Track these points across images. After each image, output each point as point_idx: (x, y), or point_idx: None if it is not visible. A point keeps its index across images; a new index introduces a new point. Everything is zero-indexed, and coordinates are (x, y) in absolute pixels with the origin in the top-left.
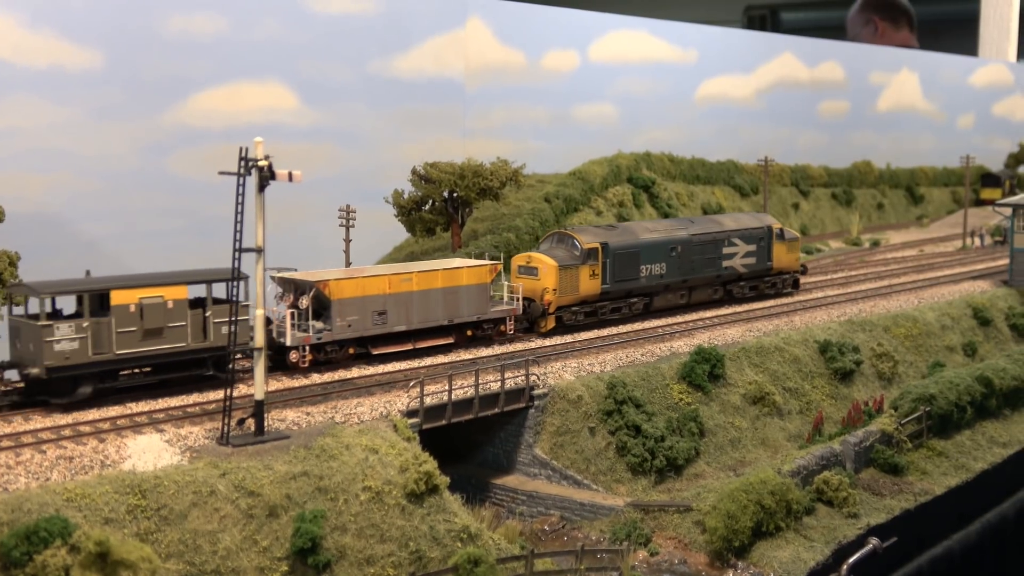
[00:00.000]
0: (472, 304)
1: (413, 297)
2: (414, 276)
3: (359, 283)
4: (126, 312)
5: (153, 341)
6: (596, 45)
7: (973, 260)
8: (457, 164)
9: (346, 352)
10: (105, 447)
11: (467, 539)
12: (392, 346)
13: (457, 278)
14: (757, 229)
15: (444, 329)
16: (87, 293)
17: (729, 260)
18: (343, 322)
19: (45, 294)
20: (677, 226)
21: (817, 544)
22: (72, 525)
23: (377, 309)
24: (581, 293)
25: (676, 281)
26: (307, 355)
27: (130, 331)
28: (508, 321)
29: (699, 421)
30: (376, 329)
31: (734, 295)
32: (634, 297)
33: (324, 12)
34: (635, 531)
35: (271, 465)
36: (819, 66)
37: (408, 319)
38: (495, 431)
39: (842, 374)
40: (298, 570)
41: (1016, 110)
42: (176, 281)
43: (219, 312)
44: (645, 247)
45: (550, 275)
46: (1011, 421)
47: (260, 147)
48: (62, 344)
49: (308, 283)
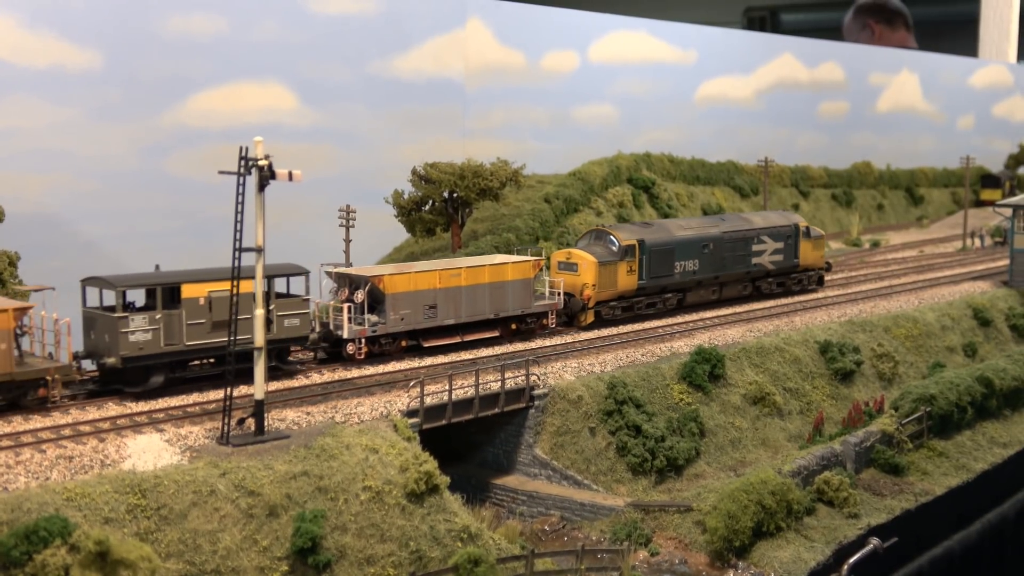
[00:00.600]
0: (517, 299)
1: (462, 292)
2: (463, 271)
3: (411, 278)
4: (196, 305)
5: (221, 333)
6: (596, 46)
7: (973, 261)
8: (457, 164)
9: (399, 345)
10: (105, 447)
11: (467, 539)
12: (442, 339)
13: (503, 273)
14: (785, 227)
15: (490, 323)
16: (160, 286)
17: (758, 257)
18: (396, 315)
19: (121, 287)
20: (709, 224)
21: (818, 544)
22: (72, 524)
23: (428, 303)
24: (619, 288)
25: (708, 277)
26: (363, 347)
27: (199, 323)
28: (550, 315)
29: (699, 421)
30: (427, 322)
31: (762, 291)
32: (668, 293)
33: (323, 12)
34: (635, 531)
35: (271, 465)
36: (819, 67)
37: (457, 313)
38: (495, 431)
39: (842, 374)
40: (298, 570)
41: (1016, 111)
42: (243, 275)
43: (282, 306)
44: (679, 244)
45: (590, 271)
46: (1011, 421)
47: (260, 146)
48: (136, 335)
49: (363, 278)
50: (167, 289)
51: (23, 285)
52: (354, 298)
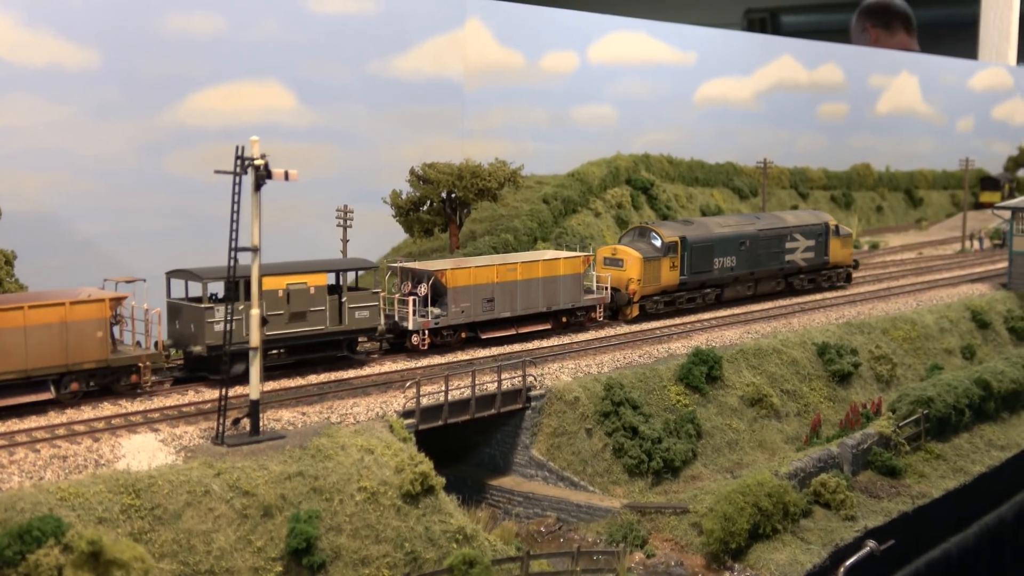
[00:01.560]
0: (568, 293)
1: (517, 286)
2: (518, 266)
3: (471, 272)
4: (275, 296)
5: (297, 324)
6: (595, 46)
7: (972, 263)
8: (455, 165)
9: (459, 336)
10: (99, 446)
11: (463, 540)
12: (498, 331)
13: (555, 268)
14: (816, 225)
15: (542, 316)
16: (242, 279)
17: (791, 254)
18: (457, 308)
19: (207, 279)
20: (745, 222)
21: (814, 546)
22: (65, 524)
23: (486, 296)
24: (662, 283)
25: (744, 273)
26: (426, 338)
27: (278, 314)
28: (598, 309)
29: (696, 423)
30: (485, 315)
31: (795, 287)
32: (708, 288)
33: (322, 12)
34: (631, 533)
35: (266, 465)
36: (818, 68)
37: (512, 306)
38: (492, 432)
39: (840, 376)
40: (293, 570)
41: (1016, 113)
42: (317, 269)
43: (353, 298)
44: (718, 241)
45: (635, 266)
46: (1009, 424)
47: (256, 146)
48: (220, 325)
49: (427, 272)
50: (249, 281)
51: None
52: (417, 291)
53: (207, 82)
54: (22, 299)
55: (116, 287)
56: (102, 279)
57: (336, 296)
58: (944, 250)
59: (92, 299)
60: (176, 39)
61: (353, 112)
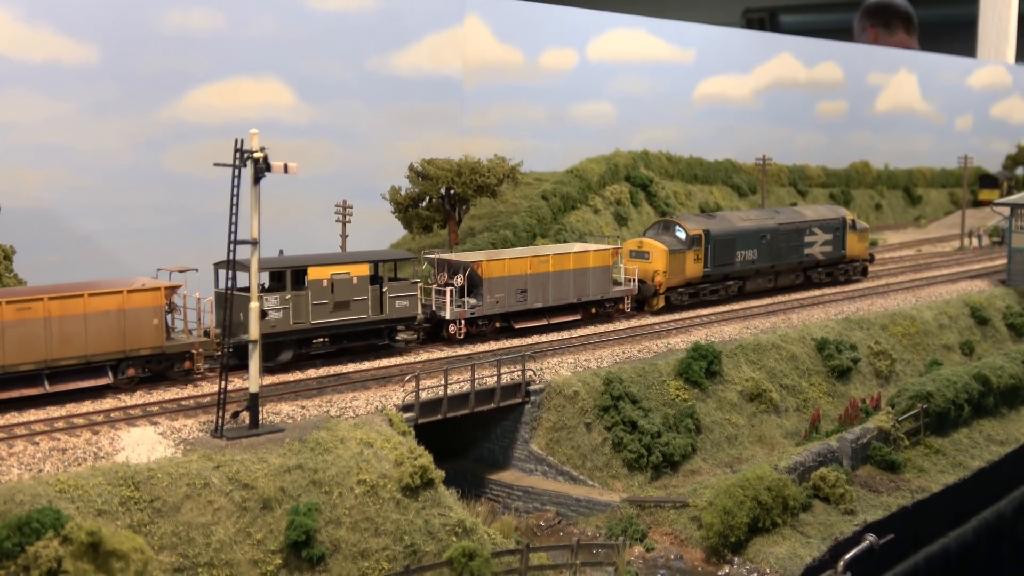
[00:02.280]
0: (597, 284)
1: (549, 277)
2: (551, 258)
3: (506, 264)
4: (320, 286)
5: (341, 313)
6: (594, 44)
7: (971, 260)
8: (454, 161)
9: (493, 326)
10: (99, 439)
11: (462, 533)
12: (531, 321)
13: (585, 261)
14: (833, 220)
15: (572, 307)
16: (289, 269)
17: (810, 248)
18: (492, 298)
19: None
20: (766, 216)
21: (813, 540)
22: (64, 516)
23: (520, 288)
24: (687, 275)
25: (765, 266)
26: (462, 328)
27: (323, 303)
28: (626, 300)
29: (696, 418)
30: (519, 305)
31: (812, 280)
32: (730, 280)
33: (322, 8)
34: (631, 527)
35: (265, 458)
36: (817, 66)
37: (545, 297)
38: (491, 426)
39: (839, 372)
40: (292, 563)
41: (1014, 111)
42: (360, 260)
43: (394, 288)
44: (740, 235)
45: (661, 259)
46: (1008, 419)
47: (255, 139)
48: (269, 314)
49: (463, 263)
50: (295, 272)
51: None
52: (454, 282)
53: (206, 78)
54: (82, 287)
55: (170, 276)
56: (155, 268)
57: (377, 286)
58: (943, 247)
59: (149, 287)
60: (175, 35)
61: (352, 108)
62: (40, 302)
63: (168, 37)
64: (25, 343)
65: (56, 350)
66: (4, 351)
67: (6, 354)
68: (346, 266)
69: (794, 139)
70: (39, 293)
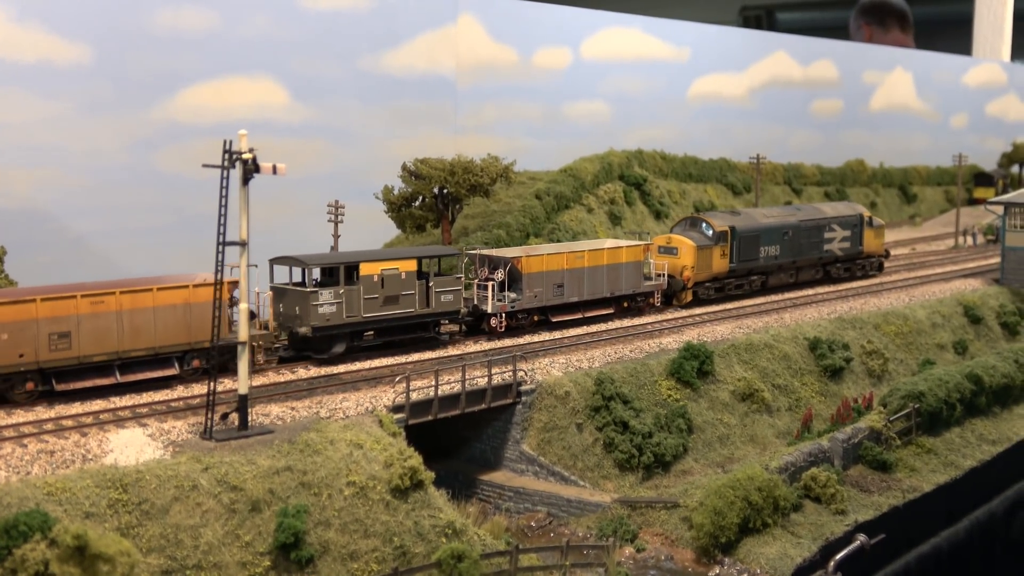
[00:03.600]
0: (629, 279)
1: (584, 272)
2: (586, 254)
3: (544, 259)
4: (371, 281)
5: (391, 307)
6: (588, 42)
7: (965, 259)
8: (447, 160)
9: (531, 319)
10: (87, 441)
11: (452, 535)
12: (567, 315)
13: (618, 256)
14: (851, 216)
15: (605, 301)
16: (342, 265)
17: (829, 244)
18: (531, 293)
19: (312, 265)
20: (787, 213)
21: (804, 540)
22: (52, 519)
23: (557, 282)
24: (713, 270)
25: (787, 262)
26: (503, 321)
27: (374, 298)
28: (656, 294)
29: (687, 418)
30: (555, 300)
31: (831, 275)
32: (754, 275)
33: (314, 8)
34: (622, 527)
35: (254, 460)
36: (812, 65)
37: (580, 291)
38: (482, 427)
39: (832, 371)
40: (280, 565)
41: (1009, 110)
42: (407, 256)
43: (439, 283)
44: (764, 231)
45: (689, 254)
46: (1001, 419)
47: (244, 140)
48: (324, 308)
49: (503, 259)
50: (348, 267)
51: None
52: (494, 277)
53: (199, 78)
54: (150, 282)
55: (231, 272)
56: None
57: (424, 281)
58: (937, 246)
59: (211, 283)
60: (167, 35)
61: (345, 108)
62: (113, 296)
63: (160, 37)
64: (99, 335)
65: (127, 342)
66: (80, 343)
67: (82, 345)
68: (395, 262)
69: (789, 138)
70: (111, 287)
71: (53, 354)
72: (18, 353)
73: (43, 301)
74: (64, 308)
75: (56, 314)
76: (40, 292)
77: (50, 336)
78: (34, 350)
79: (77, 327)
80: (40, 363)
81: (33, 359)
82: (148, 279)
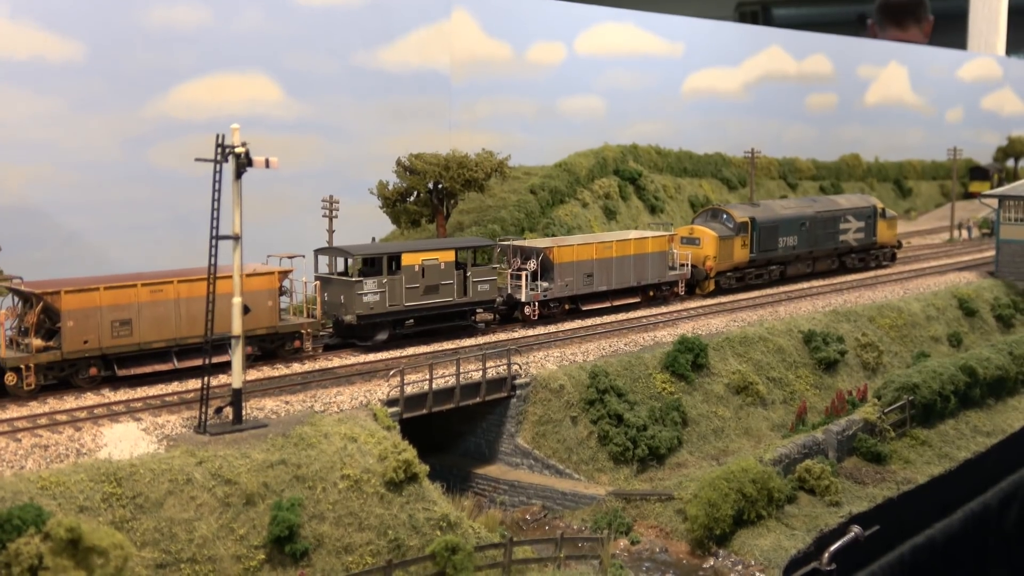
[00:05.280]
0: (655, 269)
1: (613, 262)
2: (614, 244)
3: (574, 250)
4: (412, 271)
5: (431, 296)
6: (583, 37)
7: (960, 252)
8: (442, 155)
9: (562, 308)
10: (81, 435)
11: (446, 527)
12: (596, 303)
13: (645, 246)
14: (865, 208)
15: (633, 290)
16: (385, 255)
17: (844, 235)
18: (562, 282)
19: (357, 255)
20: (805, 204)
21: (799, 532)
22: (46, 513)
23: (587, 272)
24: (734, 260)
25: (804, 252)
26: (536, 310)
27: (415, 287)
28: (680, 284)
29: (682, 410)
30: (585, 289)
31: (846, 265)
32: (773, 265)
33: (308, 3)
34: (616, 520)
35: (248, 453)
36: (807, 59)
37: (608, 280)
38: (477, 421)
39: (826, 364)
40: (275, 558)
41: (1005, 104)
42: (446, 247)
43: (477, 273)
44: (783, 222)
45: (711, 245)
46: (995, 410)
47: (237, 134)
48: (368, 297)
49: (535, 249)
50: (391, 257)
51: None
52: (526, 267)
53: (192, 74)
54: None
55: (280, 262)
56: (266, 255)
57: (461, 271)
58: (933, 239)
59: (263, 272)
60: (160, 31)
61: (339, 104)
62: (171, 285)
63: (153, 33)
64: (158, 322)
65: (185, 329)
66: (141, 330)
67: (142, 332)
68: (435, 252)
69: (784, 132)
70: (169, 277)
71: (115, 340)
72: (83, 340)
73: (106, 290)
74: (125, 296)
75: (118, 302)
76: (103, 281)
77: (112, 323)
78: (98, 337)
79: (138, 315)
80: (103, 349)
81: (97, 345)
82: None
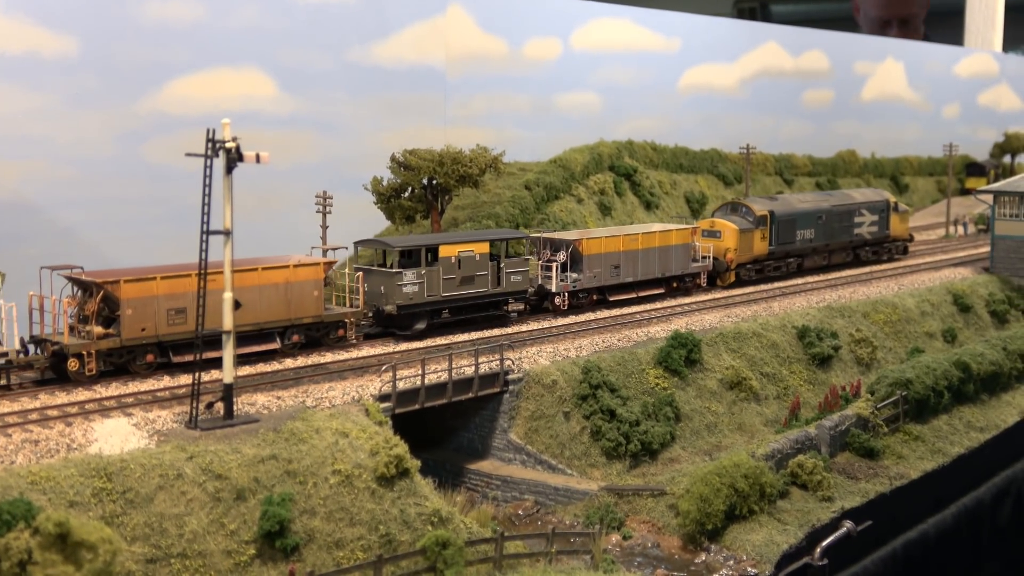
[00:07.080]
0: (679, 261)
1: (639, 254)
2: (640, 236)
3: (602, 241)
4: (449, 263)
5: (467, 286)
6: (578, 33)
7: (955, 248)
8: (436, 151)
9: (591, 298)
10: (72, 431)
11: (438, 522)
12: (623, 294)
13: (669, 239)
14: (879, 202)
15: (657, 281)
16: (424, 247)
17: (859, 228)
18: (591, 273)
19: (397, 248)
20: (821, 198)
21: (791, 527)
22: (36, 508)
23: (614, 263)
24: (754, 253)
25: (821, 245)
26: (566, 300)
27: (452, 278)
28: (702, 275)
29: (675, 406)
30: (612, 280)
31: (860, 258)
32: (791, 258)
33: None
34: (608, 515)
35: (239, 448)
36: (803, 55)
37: (635, 272)
38: (470, 416)
39: (820, 359)
40: (266, 553)
41: (1001, 100)
42: (480, 239)
43: (510, 264)
44: (800, 215)
45: (732, 237)
46: (988, 406)
47: (227, 128)
48: (407, 287)
49: (565, 241)
50: (429, 249)
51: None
52: (556, 258)
53: (186, 69)
54: (254, 263)
55: (324, 254)
56: (309, 247)
57: (495, 262)
58: (928, 235)
59: (309, 262)
60: (154, 26)
61: (334, 99)
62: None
63: (148, 27)
64: (210, 311)
65: (236, 317)
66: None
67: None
68: (470, 244)
69: (780, 128)
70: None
71: (171, 328)
72: (140, 327)
73: (162, 279)
74: (180, 286)
75: (173, 291)
76: (159, 271)
77: (168, 312)
78: (154, 324)
79: (192, 303)
80: (159, 336)
81: (153, 333)
82: (250, 260)
